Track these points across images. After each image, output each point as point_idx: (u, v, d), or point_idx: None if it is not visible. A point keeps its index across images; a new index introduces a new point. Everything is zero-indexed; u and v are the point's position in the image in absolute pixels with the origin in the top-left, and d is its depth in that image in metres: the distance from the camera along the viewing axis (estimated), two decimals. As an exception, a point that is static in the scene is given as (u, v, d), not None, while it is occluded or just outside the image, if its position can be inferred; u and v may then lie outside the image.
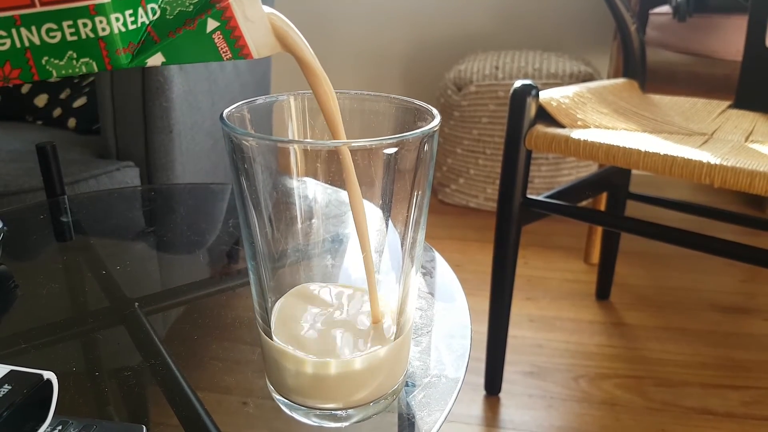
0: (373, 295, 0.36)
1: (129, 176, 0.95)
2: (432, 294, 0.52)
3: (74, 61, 0.30)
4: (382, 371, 0.36)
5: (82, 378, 0.41)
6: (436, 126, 0.32)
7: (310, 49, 0.33)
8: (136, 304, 0.49)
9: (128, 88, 0.95)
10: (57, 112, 1.23)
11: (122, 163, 0.96)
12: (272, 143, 0.31)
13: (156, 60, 0.31)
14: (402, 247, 0.35)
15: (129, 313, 0.48)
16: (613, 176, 1.27)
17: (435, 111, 0.33)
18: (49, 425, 0.32)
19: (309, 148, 0.31)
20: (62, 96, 1.26)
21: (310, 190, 0.34)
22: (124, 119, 0.96)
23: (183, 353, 0.44)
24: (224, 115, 0.32)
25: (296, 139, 0.37)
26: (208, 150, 1.11)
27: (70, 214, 0.68)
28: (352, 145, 0.30)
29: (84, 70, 0.30)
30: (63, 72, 0.30)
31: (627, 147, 0.87)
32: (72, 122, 1.19)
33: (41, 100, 1.27)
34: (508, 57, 1.85)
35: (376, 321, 0.37)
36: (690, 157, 0.83)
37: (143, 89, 0.94)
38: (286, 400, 0.37)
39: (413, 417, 0.37)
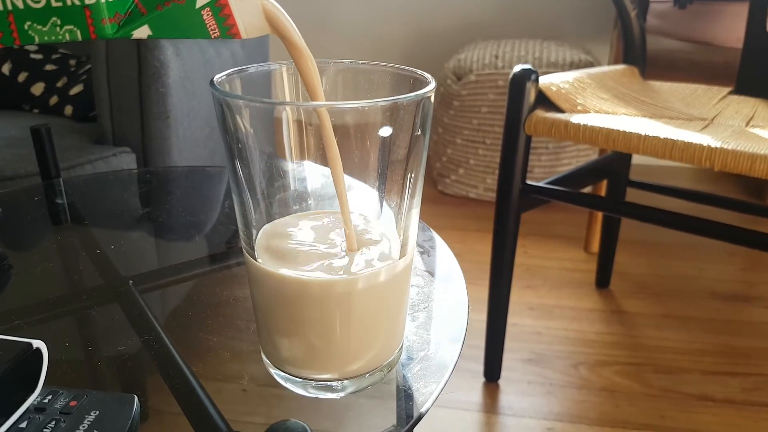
0: (348, 222, 0.35)
1: (125, 162, 0.95)
2: (429, 272, 0.52)
3: (58, 28, 0.29)
4: (381, 301, 0.35)
5: (74, 352, 0.41)
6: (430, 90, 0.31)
7: (299, 33, 0.32)
8: (131, 282, 0.49)
9: (124, 73, 0.94)
10: (53, 100, 1.22)
11: (118, 149, 0.95)
12: (264, 105, 0.31)
13: (142, 33, 0.31)
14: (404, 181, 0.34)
15: (123, 291, 0.48)
16: (613, 164, 1.27)
17: (430, 77, 0.33)
18: (39, 395, 0.31)
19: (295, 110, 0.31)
20: (59, 84, 1.25)
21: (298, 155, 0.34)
22: (120, 105, 0.96)
23: (177, 329, 0.44)
24: (215, 80, 0.32)
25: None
26: (205, 137, 1.11)
27: (65, 196, 0.68)
28: (344, 106, 0.30)
29: (67, 38, 0.29)
30: (45, 38, 0.29)
31: (627, 131, 0.87)
32: (69, 110, 1.19)
33: (38, 89, 1.26)
34: (508, 46, 1.84)
35: (351, 249, 0.35)
36: (690, 141, 0.83)
37: (139, 74, 0.93)
38: (282, 373, 0.36)
39: (409, 389, 0.37)
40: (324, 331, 0.34)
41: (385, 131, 0.31)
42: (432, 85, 0.32)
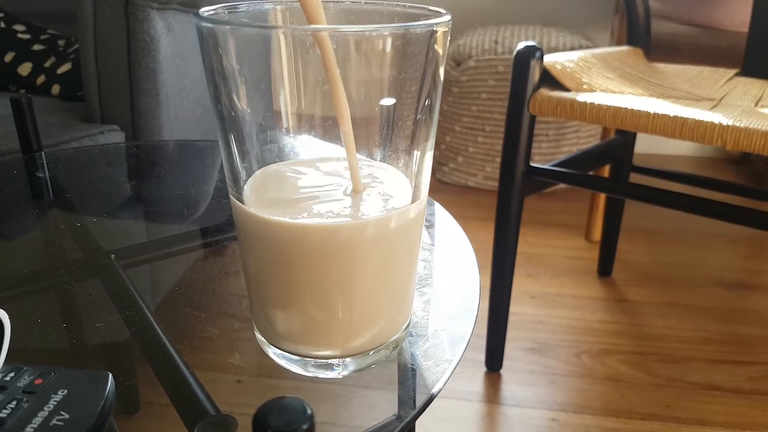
0: (353, 159, 0.31)
1: (114, 140, 0.91)
2: (435, 246, 0.48)
3: None
4: (390, 254, 0.31)
5: (47, 329, 0.37)
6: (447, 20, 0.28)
7: None
8: (113, 255, 0.45)
9: (113, 47, 0.90)
10: (41, 79, 1.18)
11: (106, 127, 0.91)
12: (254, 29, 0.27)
13: None
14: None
15: (104, 265, 0.44)
16: (616, 149, 1.23)
17: (445, 11, 0.29)
18: (0, 372, 0.28)
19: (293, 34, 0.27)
20: (47, 64, 1.21)
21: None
22: (108, 81, 0.92)
23: (162, 305, 0.40)
24: (200, 11, 0.28)
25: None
26: (197, 118, 1.07)
27: (47, 170, 0.64)
28: (351, 30, 0.26)
29: None
30: None
31: (635, 109, 0.83)
32: (56, 89, 1.14)
33: (25, 69, 1.22)
34: (508, 32, 1.81)
35: (357, 191, 0.32)
36: (702, 119, 0.79)
37: (128, 49, 0.89)
38: (278, 350, 0.33)
39: (418, 367, 0.33)
40: (325, 294, 0.30)
41: (394, 63, 0.28)
42: (447, 17, 0.28)
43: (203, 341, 0.36)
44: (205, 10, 0.28)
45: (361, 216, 0.30)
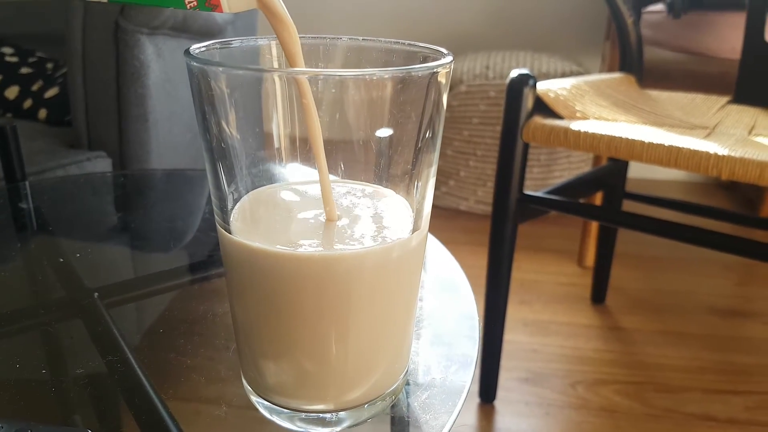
0: (326, 191, 0.30)
1: (100, 167, 0.89)
2: (429, 279, 0.47)
3: None
4: (389, 290, 0.29)
5: (25, 375, 0.35)
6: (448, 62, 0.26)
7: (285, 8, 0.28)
8: (96, 294, 0.43)
9: (102, 73, 0.89)
10: (28, 103, 1.16)
11: (93, 153, 0.89)
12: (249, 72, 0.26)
13: None
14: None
15: (87, 304, 0.42)
16: (609, 175, 1.23)
17: (447, 51, 0.28)
18: (-28, 430, 0.26)
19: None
20: (34, 88, 1.19)
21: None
22: (96, 106, 0.90)
23: (147, 349, 0.38)
24: (191, 49, 0.27)
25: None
26: (186, 144, 1.05)
27: (31, 200, 0.62)
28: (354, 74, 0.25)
29: None
30: None
31: (630, 138, 0.83)
32: (43, 113, 1.13)
33: (12, 92, 1.20)
34: (499, 57, 1.81)
35: (330, 219, 0.30)
36: (697, 148, 0.79)
37: (117, 74, 0.88)
38: (267, 403, 0.31)
39: (416, 421, 0.32)
40: (316, 333, 0.29)
41: (393, 104, 0.26)
42: (449, 58, 0.27)
43: (188, 391, 0.34)
44: (197, 47, 0.27)
45: (358, 248, 0.28)
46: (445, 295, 0.45)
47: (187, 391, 0.34)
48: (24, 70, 1.23)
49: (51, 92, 1.15)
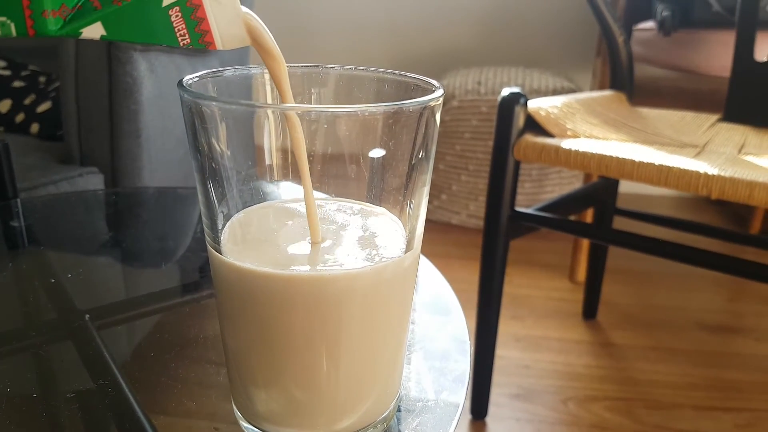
0: (312, 212, 0.30)
1: (92, 183, 0.89)
2: (420, 304, 0.47)
3: None
4: (381, 312, 0.29)
5: (14, 399, 0.35)
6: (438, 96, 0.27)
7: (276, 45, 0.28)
8: (87, 316, 0.43)
9: (94, 88, 0.89)
10: (20, 117, 1.16)
11: (85, 169, 0.89)
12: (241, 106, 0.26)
13: (93, 32, 0.25)
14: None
15: (78, 326, 0.42)
16: (600, 192, 1.24)
17: (437, 83, 0.28)
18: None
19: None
20: (26, 102, 1.19)
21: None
22: (89, 122, 0.90)
23: (137, 372, 0.38)
24: (184, 81, 0.27)
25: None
26: (179, 159, 1.05)
27: (23, 218, 0.62)
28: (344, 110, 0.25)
29: None
30: None
31: (620, 157, 0.84)
32: (35, 127, 1.12)
33: (4, 106, 1.20)
34: (491, 72, 1.82)
35: (315, 242, 0.30)
36: (687, 168, 0.80)
37: (110, 90, 0.88)
38: (257, 430, 0.31)
39: (406, 448, 0.32)
40: (308, 363, 0.29)
41: (385, 135, 0.27)
42: (439, 92, 0.27)
43: (180, 416, 0.34)
44: (189, 78, 0.27)
45: (348, 266, 0.28)
46: (436, 317, 0.45)
47: (179, 416, 0.34)
48: (16, 84, 1.23)
49: (43, 106, 1.14)
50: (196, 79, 0.28)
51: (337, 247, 0.30)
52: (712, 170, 0.79)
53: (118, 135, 0.90)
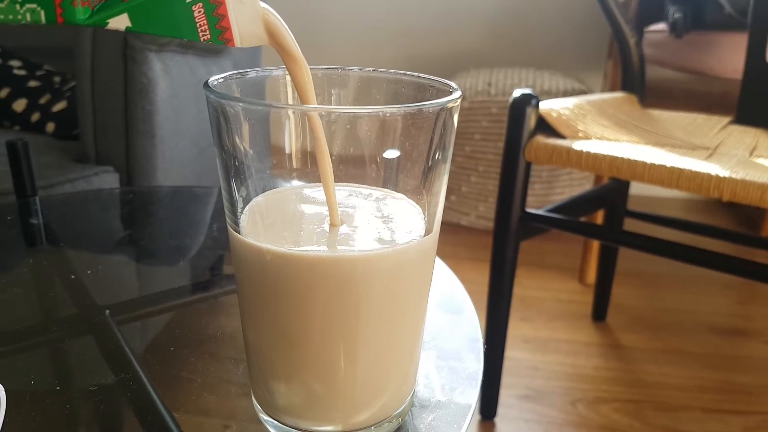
0: (330, 195, 0.30)
1: (108, 182, 0.90)
2: (435, 304, 0.47)
3: (17, 6, 0.25)
4: (400, 298, 0.29)
5: (39, 394, 0.36)
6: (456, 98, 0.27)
7: (297, 45, 0.29)
8: (107, 311, 0.44)
9: (110, 88, 0.90)
10: (35, 116, 1.17)
11: (101, 168, 0.90)
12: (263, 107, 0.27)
13: (120, 23, 0.26)
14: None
15: (98, 322, 0.43)
16: (611, 193, 1.24)
17: (455, 85, 0.29)
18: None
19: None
20: (42, 101, 1.21)
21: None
22: (104, 121, 0.91)
23: (158, 367, 0.39)
24: (210, 82, 0.28)
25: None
26: (192, 159, 1.06)
27: (41, 215, 0.63)
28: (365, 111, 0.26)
29: (28, 19, 0.25)
30: (1, 17, 0.25)
31: (632, 158, 0.84)
32: (50, 127, 1.14)
33: (20, 105, 1.21)
34: (501, 74, 1.83)
35: (334, 224, 0.30)
36: (698, 170, 0.80)
37: (125, 91, 0.89)
38: (276, 422, 0.32)
39: (422, 443, 0.32)
40: (327, 352, 0.29)
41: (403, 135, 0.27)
42: (457, 93, 0.28)
43: (200, 410, 0.35)
44: (215, 79, 0.28)
45: (368, 247, 0.29)
46: (449, 315, 0.46)
47: (199, 411, 0.35)
48: (32, 84, 1.24)
49: (59, 106, 1.16)
50: (221, 80, 0.29)
51: (356, 229, 0.30)
52: (724, 172, 0.79)
53: (133, 135, 0.91)
